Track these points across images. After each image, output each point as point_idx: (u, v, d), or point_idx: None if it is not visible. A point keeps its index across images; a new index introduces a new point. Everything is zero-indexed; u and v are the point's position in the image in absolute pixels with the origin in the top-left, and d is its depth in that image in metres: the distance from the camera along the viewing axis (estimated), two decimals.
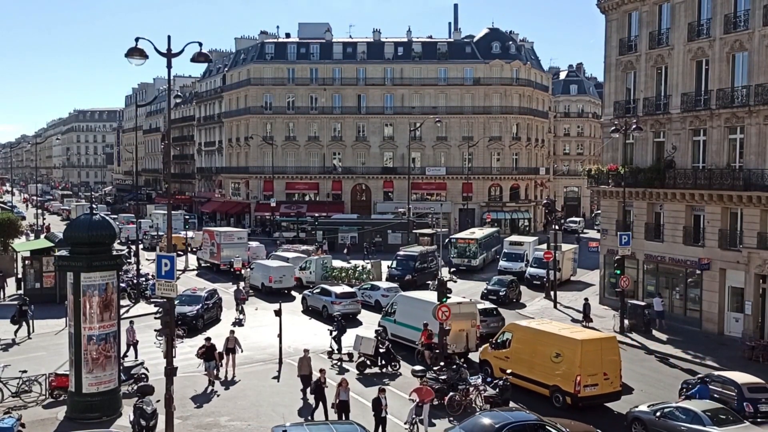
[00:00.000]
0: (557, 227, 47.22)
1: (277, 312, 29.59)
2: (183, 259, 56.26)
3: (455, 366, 25.80)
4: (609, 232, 42.28)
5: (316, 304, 40.52)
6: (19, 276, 44.65)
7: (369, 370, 28.43)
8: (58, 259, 32.97)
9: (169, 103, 22.57)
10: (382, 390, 21.68)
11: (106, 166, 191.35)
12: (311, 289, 42.92)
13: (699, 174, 35.88)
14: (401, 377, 27.83)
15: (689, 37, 36.70)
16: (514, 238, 60.37)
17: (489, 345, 28.41)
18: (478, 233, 60.41)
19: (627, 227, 38.54)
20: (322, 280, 46.54)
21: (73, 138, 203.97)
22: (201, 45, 20.18)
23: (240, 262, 50.81)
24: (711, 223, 35.84)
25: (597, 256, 45.95)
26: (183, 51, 20.04)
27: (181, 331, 32.08)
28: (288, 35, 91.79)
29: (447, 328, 27.94)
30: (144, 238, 62.42)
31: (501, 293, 43.14)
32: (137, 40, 19.63)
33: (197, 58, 20.29)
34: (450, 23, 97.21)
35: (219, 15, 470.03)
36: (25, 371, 24.76)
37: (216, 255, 55.05)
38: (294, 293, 46.12)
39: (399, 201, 78.73)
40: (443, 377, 24.75)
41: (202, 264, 57.68)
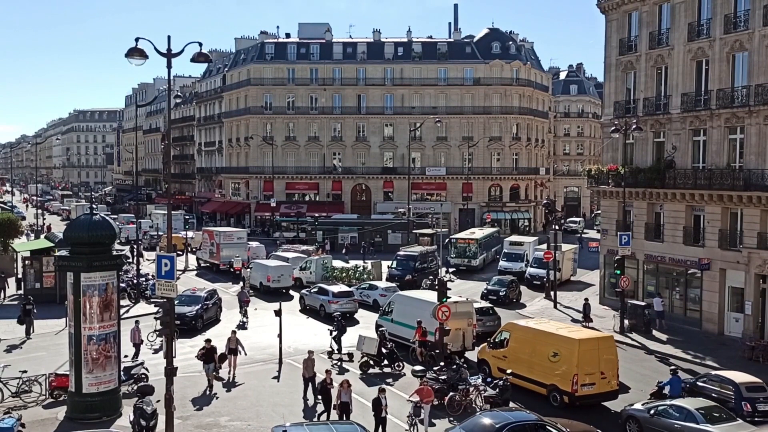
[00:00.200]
0: (557, 227, 47.22)
1: (277, 312, 29.57)
2: (183, 259, 56.27)
3: (455, 366, 25.81)
4: (609, 232, 42.28)
5: (313, 303, 40.73)
6: (20, 276, 44.64)
7: (372, 370, 28.45)
8: (58, 259, 33.11)
9: (169, 103, 22.57)
10: (382, 390, 21.68)
11: (106, 166, 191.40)
12: (309, 288, 43.15)
13: (699, 174, 35.88)
14: (404, 377, 27.81)
15: (689, 37, 36.70)
16: (514, 238, 60.35)
17: (487, 344, 28.46)
18: (478, 233, 60.40)
19: (627, 227, 38.54)
20: (322, 280, 46.56)
21: (73, 138, 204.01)
22: (201, 45, 20.19)
23: (240, 261, 50.87)
24: (711, 224, 35.84)
25: (597, 256, 45.96)
26: (183, 51, 20.04)
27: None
28: (288, 35, 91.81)
29: (447, 328, 27.94)
30: (143, 238, 62.44)
31: (501, 293, 43.15)
32: (137, 40, 19.64)
33: (197, 58, 20.30)
34: (450, 23, 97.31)
35: (219, 15, 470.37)
36: (25, 371, 24.77)
37: (216, 255, 55.11)
38: (292, 292, 46.19)
39: (399, 201, 78.71)
40: (443, 377, 24.75)
41: (201, 264, 57.74)
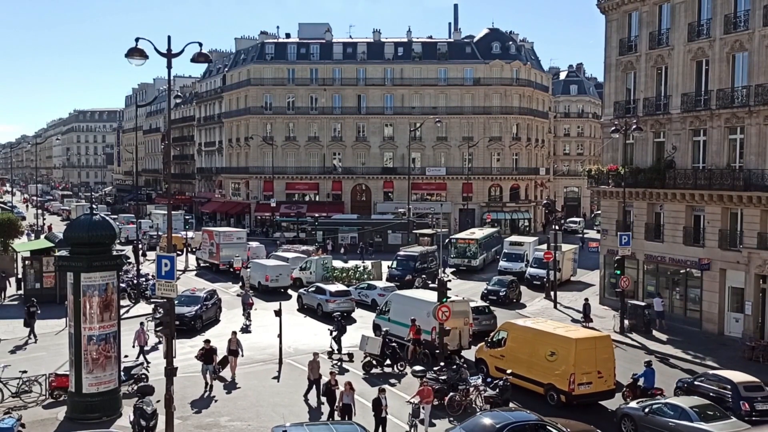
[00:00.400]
0: (557, 227, 47.23)
1: (277, 312, 29.57)
2: (183, 260, 56.29)
3: (455, 366, 25.82)
4: (609, 232, 42.28)
5: (311, 302, 40.95)
6: (20, 276, 44.66)
7: (374, 370, 28.46)
8: (58, 260, 33.13)
9: (169, 104, 22.57)
10: (382, 390, 21.68)
11: (106, 166, 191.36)
12: (306, 288, 43.38)
13: (699, 174, 35.88)
14: (406, 377, 27.79)
15: (689, 38, 36.70)
16: (514, 238, 60.33)
17: (484, 344, 28.52)
18: (478, 233, 60.40)
19: (627, 227, 38.53)
20: (322, 280, 46.61)
21: (73, 138, 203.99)
22: (201, 45, 20.19)
23: (240, 261, 50.91)
24: (711, 224, 35.84)
25: (597, 256, 45.95)
26: (183, 51, 20.04)
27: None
28: (288, 35, 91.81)
29: (447, 328, 27.95)
30: (143, 238, 62.49)
31: (501, 293, 43.15)
32: (137, 40, 19.65)
33: (197, 58, 20.30)
34: (450, 23, 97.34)
35: (219, 15, 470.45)
36: (25, 371, 24.76)
37: (215, 255, 55.17)
38: (291, 292, 46.28)
39: (399, 201, 78.68)
40: (443, 377, 24.75)
41: (201, 264, 57.78)
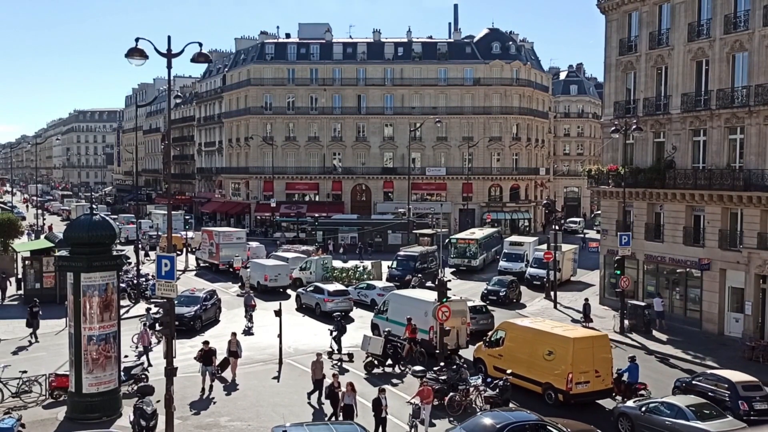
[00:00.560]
0: (557, 227, 47.24)
1: (277, 312, 29.56)
2: (183, 260, 56.31)
3: (455, 366, 25.83)
4: (609, 232, 42.28)
5: (309, 301, 41.17)
6: (20, 276, 44.66)
7: (376, 370, 28.47)
8: (58, 260, 33.12)
9: (169, 104, 22.58)
10: (382, 390, 21.67)
11: (106, 166, 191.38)
12: (305, 287, 43.55)
13: (699, 174, 35.88)
14: (407, 377, 27.78)
15: (689, 38, 36.70)
16: (514, 238, 60.34)
17: (483, 343, 28.58)
18: (478, 233, 60.41)
19: (627, 227, 38.53)
20: (322, 280, 46.66)
21: (73, 138, 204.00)
22: (201, 45, 20.20)
23: (240, 261, 50.95)
24: (711, 224, 35.84)
25: (597, 256, 45.95)
26: (183, 51, 20.04)
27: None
28: (288, 35, 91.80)
29: (447, 328, 27.95)
30: (143, 238, 62.53)
31: (501, 293, 43.14)
32: (137, 40, 19.65)
33: (197, 58, 20.30)
34: (450, 23, 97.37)
35: (219, 15, 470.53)
36: (25, 371, 24.77)
37: (215, 255, 55.24)
38: (289, 291, 46.37)
39: (399, 201, 78.67)
40: (443, 377, 24.74)
41: (200, 264, 57.82)
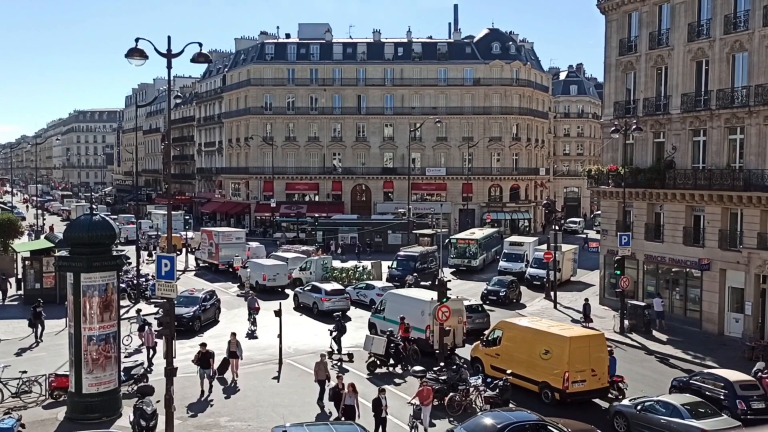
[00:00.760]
0: (557, 228, 47.24)
1: (277, 312, 29.56)
2: (182, 260, 56.31)
3: (455, 366, 25.84)
4: (609, 232, 42.28)
5: (306, 300, 41.41)
6: (20, 276, 44.65)
7: (379, 369, 28.48)
8: (58, 260, 33.06)
9: (169, 104, 22.58)
10: (382, 390, 21.67)
11: (106, 166, 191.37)
12: (302, 287, 43.72)
13: (699, 174, 35.89)
14: (409, 378, 27.75)
15: (689, 38, 36.71)
16: (514, 238, 60.34)
17: (480, 342, 28.64)
18: (478, 234, 60.42)
19: (627, 228, 38.54)
20: (322, 280, 46.71)
21: (73, 138, 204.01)
22: (201, 45, 20.19)
23: (240, 261, 50.99)
24: (711, 224, 35.84)
25: (597, 256, 45.94)
26: (183, 51, 20.04)
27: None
28: (288, 36, 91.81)
29: (447, 328, 27.95)
30: (142, 238, 62.57)
31: (501, 294, 43.14)
32: (137, 40, 19.65)
33: (197, 58, 20.30)
34: (450, 24, 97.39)
35: (219, 15, 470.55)
36: (25, 372, 24.76)
37: (214, 255, 55.29)
38: (288, 291, 46.44)
39: (399, 201, 78.68)
40: (443, 377, 24.75)
41: (200, 264, 57.86)
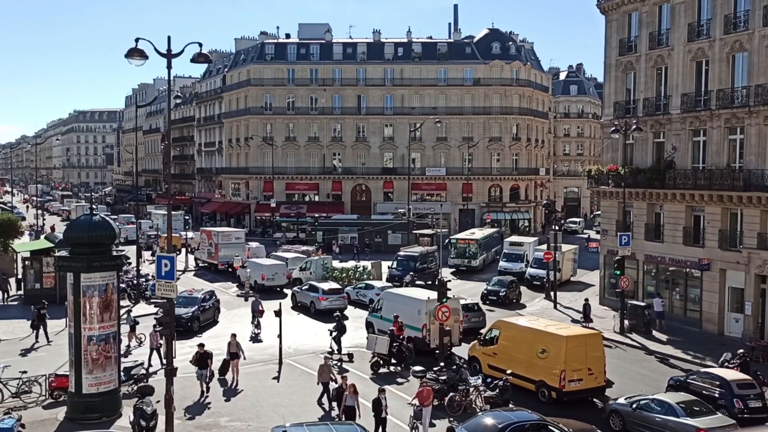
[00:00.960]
0: (557, 228, 47.24)
1: (277, 312, 29.56)
2: (182, 260, 56.30)
3: (455, 366, 25.85)
4: (609, 232, 42.28)
5: (304, 300, 41.65)
6: (19, 277, 44.65)
7: (382, 369, 28.50)
8: (58, 260, 33.07)
9: (169, 104, 22.58)
10: (382, 390, 21.66)
11: (106, 166, 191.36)
12: (300, 286, 43.90)
13: (699, 174, 35.88)
14: (412, 378, 27.76)
15: (689, 38, 36.70)
16: (514, 238, 60.33)
17: (477, 341, 28.74)
18: (478, 234, 60.42)
19: (627, 228, 38.54)
20: (321, 280, 46.74)
21: (73, 138, 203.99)
22: (201, 45, 20.20)
23: (240, 261, 51.01)
24: (711, 224, 35.84)
25: (597, 256, 45.94)
26: (183, 51, 20.04)
27: (142, 336, 32.11)
28: (288, 36, 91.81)
29: (447, 329, 27.95)
30: (141, 237, 62.58)
31: (501, 294, 43.14)
32: (137, 40, 19.66)
33: (197, 58, 20.31)
34: (450, 24, 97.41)
35: (219, 15, 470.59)
36: (25, 372, 24.77)
37: (214, 255, 55.30)
38: (286, 290, 46.50)
39: (399, 201, 78.67)
40: (443, 378, 24.75)
41: (199, 264, 57.88)
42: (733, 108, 34.18)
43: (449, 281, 43.64)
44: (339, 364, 29.38)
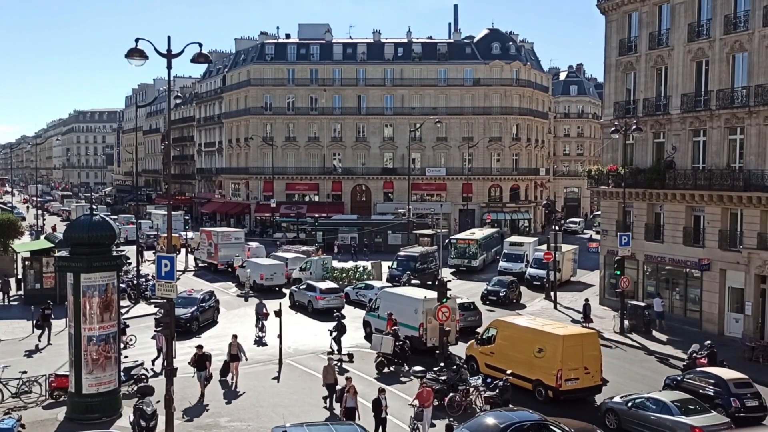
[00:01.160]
0: (557, 228, 47.23)
1: (277, 312, 29.55)
2: (182, 260, 56.29)
3: (455, 366, 25.85)
4: (609, 232, 42.28)
5: (302, 299, 41.80)
6: (20, 277, 44.65)
7: (386, 369, 28.49)
8: (58, 260, 33.06)
9: (169, 104, 22.58)
10: (382, 391, 21.66)
11: (106, 166, 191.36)
12: (298, 285, 44.04)
13: (699, 174, 35.88)
14: (413, 377, 27.81)
15: (689, 38, 36.71)
16: (514, 238, 60.35)
17: (475, 341, 28.84)
18: (478, 234, 60.42)
19: (627, 228, 38.54)
20: (321, 280, 46.74)
21: (73, 139, 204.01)
22: (201, 46, 20.19)
23: (240, 261, 51.03)
24: (711, 224, 35.84)
25: (597, 256, 45.94)
26: (183, 52, 20.04)
27: (132, 338, 32.11)
28: (288, 36, 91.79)
29: (448, 329, 27.95)
30: (141, 237, 62.58)
31: (501, 294, 43.14)
32: (137, 40, 19.66)
33: (197, 58, 20.31)
34: (450, 24, 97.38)
35: (219, 15, 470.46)
36: (25, 372, 24.78)
37: (213, 255, 55.32)
38: (285, 290, 46.54)
39: (399, 202, 78.67)
40: (443, 378, 24.75)
41: (199, 264, 57.89)
42: (733, 108, 34.18)
43: (449, 281, 43.71)
44: (339, 364, 29.39)
